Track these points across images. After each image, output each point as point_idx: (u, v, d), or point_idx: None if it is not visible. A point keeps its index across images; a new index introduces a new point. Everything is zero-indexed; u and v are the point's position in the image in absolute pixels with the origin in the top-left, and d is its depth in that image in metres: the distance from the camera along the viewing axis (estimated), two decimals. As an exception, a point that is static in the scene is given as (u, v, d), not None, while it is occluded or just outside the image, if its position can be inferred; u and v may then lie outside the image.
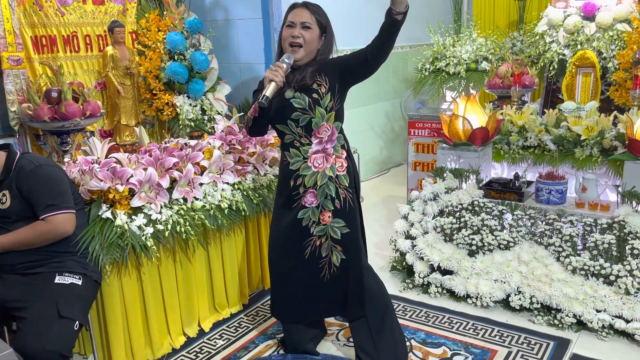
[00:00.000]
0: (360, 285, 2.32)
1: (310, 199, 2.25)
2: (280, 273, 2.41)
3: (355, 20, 4.93)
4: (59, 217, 2.12)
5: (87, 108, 3.20)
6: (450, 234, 3.15)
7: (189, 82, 3.96)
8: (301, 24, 2.19)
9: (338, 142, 2.28)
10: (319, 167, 2.24)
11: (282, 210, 2.33)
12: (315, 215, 2.26)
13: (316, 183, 2.24)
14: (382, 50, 2.12)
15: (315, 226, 2.27)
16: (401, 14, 2.02)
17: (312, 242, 2.29)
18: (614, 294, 2.65)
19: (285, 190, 2.30)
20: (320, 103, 2.20)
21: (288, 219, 2.30)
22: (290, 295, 2.40)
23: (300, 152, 2.25)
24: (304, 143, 2.24)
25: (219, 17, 4.74)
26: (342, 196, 2.27)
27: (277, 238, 2.38)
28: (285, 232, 2.32)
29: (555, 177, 3.11)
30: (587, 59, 3.77)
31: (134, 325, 2.48)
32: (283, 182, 2.32)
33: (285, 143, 2.28)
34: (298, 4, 2.25)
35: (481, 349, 2.59)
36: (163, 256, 2.58)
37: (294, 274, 2.35)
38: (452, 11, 5.14)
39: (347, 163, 2.30)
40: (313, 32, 2.20)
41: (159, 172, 2.60)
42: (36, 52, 3.49)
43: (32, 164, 2.16)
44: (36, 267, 2.16)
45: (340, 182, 2.27)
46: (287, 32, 2.21)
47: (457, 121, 3.31)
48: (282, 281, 2.41)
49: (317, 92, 2.20)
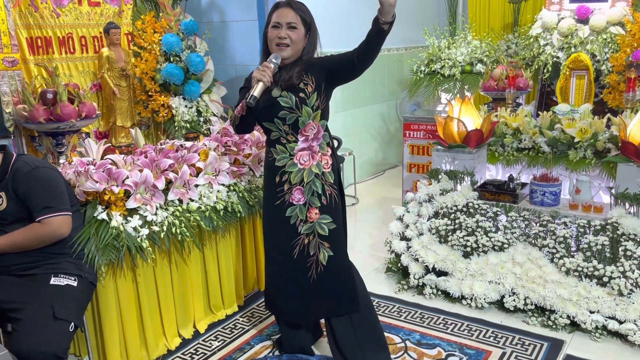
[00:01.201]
0: (352, 279, 2.36)
1: (297, 196, 2.27)
2: (274, 271, 2.42)
3: (345, 21, 4.94)
4: (55, 219, 2.12)
5: (82, 109, 3.20)
6: (445, 236, 3.16)
7: (184, 84, 3.96)
8: (287, 24, 2.20)
9: (324, 140, 2.31)
10: (305, 164, 2.27)
11: (270, 207, 2.35)
12: (303, 213, 2.28)
13: (302, 180, 2.27)
14: (368, 56, 2.18)
15: (303, 224, 2.29)
16: (387, 23, 2.05)
17: (301, 241, 2.31)
18: (607, 295, 2.67)
19: (270, 185, 2.33)
20: (307, 102, 2.23)
21: (277, 217, 2.32)
22: (283, 294, 2.40)
23: (286, 149, 2.27)
24: (290, 140, 2.26)
25: (214, 18, 4.74)
26: (328, 192, 2.30)
27: (269, 237, 2.40)
28: (275, 231, 2.35)
29: (549, 179, 3.13)
30: (580, 62, 3.79)
31: (129, 326, 2.48)
32: (268, 178, 2.35)
33: (272, 140, 2.30)
34: (282, 3, 2.25)
35: (476, 349, 2.60)
36: (158, 257, 2.59)
37: (286, 274, 2.36)
38: (447, 13, 5.17)
39: (332, 160, 2.34)
40: (299, 32, 2.23)
41: (155, 173, 2.60)
42: (31, 54, 3.49)
43: (29, 165, 2.16)
44: (32, 268, 2.16)
45: (326, 179, 2.30)
46: (273, 33, 2.22)
47: (452, 123, 3.33)
48: (276, 280, 2.42)
49: (304, 92, 2.23)
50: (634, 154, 2.87)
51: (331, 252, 2.31)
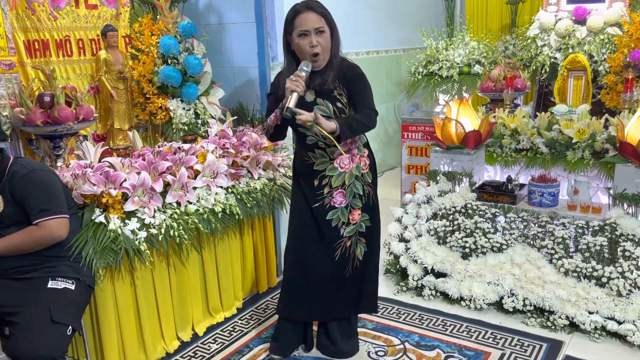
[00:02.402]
0: (376, 282, 2.47)
1: (339, 199, 2.31)
2: (304, 274, 2.40)
3: (345, 24, 4.94)
4: (53, 222, 2.12)
5: (80, 112, 3.19)
6: (443, 237, 3.16)
7: (182, 86, 3.95)
8: (315, 30, 2.15)
9: (360, 142, 2.36)
10: (345, 167, 2.30)
11: (306, 210, 2.35)
12: (345, 215, 2.33)
13: (344, 183, 2.30)
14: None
15: (345, 227, 2.34)
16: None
17: (343, 244, 2.35)
18: (606, 295, 2.66)
19: (308, 189, 2.33)
20: (345, 112, 2.25)
21: (315, 221, 2.33)
22: (309, 295, 2.41)
23: (326, 153, 2.30)
24: (329, 144, 2.27)
25: (212, 21, 4.73)
26: (367, 192, 2.37)
27: (303, 241, 2.39)
28: (312, 235, 2.35)
29: (547, 179, 3.13)
30: (578, 63, 3.80)
31: (128, 329, 2.47)
32: (305, 182, 2.34)
33: (308, 144, 2.31)
34: (302, 8, 2.17)
35: (475, 351, 2.60)
36: (157, 260, 2.58)
37: (321, 275, 2.37)
38: (444, 15, 5.17)
39: (369, 160, 2.39)
40: (326, 35, 2.19)
41: (153, 176, 2.60)
42: (29, 57, 3.48)
43: (26, 168, 2.16)
44: (29, 271, 2.15)
45: (365, 180, 2.36)
46: (304, 42, 2.15)
47: (450, 124, 3.33)
48: (303, 281, 2.41)
49: (341, 102, 2.24)
50: (631, 155, 2.87)
51: (366, 248, 2.40)
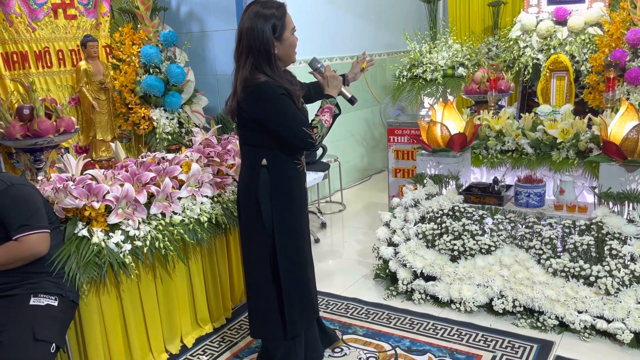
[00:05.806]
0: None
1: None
2: (309, 276, 2.44)
3: (332, 29, 4.94)
4: (33, 237, 2.07)
5: (60, 124, 3.15)
6: (432, 240, 3.15)
7: (165, 95, 3.92)
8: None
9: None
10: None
11: (305, 211, 2.38)
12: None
13: None
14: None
15: None
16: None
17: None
18: (594, 294, 2.67)
19: (304, 193, 2.35)
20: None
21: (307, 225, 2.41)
22: (314, 293, 2.47)
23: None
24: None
25: (194, 29, 4.71)
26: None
27: (308, 242, 2.42)
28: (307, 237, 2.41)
29: (533, 180, 3.14)
30: (560, 63, 3.82)
31: (115, 344, 2.43)
32: (301, 186, 2.33)
33: (297, 150, 2.30)
34: (284, 5, 2.16)
35: (466, 354, 2.58)
36: (142, 272, 2.54)
37: (312, 275, 2.46)
38: (427, 18, 5.17)
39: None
40: None
41: (136, 187, 2.56)
42: (7, 69, 3.43)
43: (4, 183, 2.11)
44: (10, 289, 2.10)
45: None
46: (295, 39, 2.19)
47: (435, 127, 3.33)
48: (311, 283, 2.45)
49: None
50: (615, 153, 2.89)
51: None
